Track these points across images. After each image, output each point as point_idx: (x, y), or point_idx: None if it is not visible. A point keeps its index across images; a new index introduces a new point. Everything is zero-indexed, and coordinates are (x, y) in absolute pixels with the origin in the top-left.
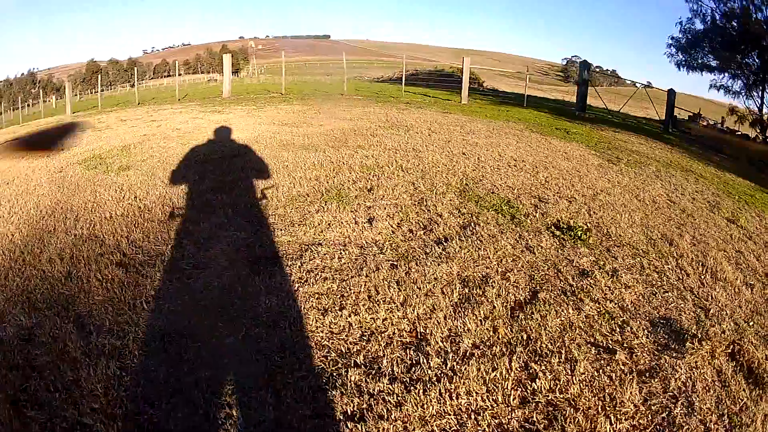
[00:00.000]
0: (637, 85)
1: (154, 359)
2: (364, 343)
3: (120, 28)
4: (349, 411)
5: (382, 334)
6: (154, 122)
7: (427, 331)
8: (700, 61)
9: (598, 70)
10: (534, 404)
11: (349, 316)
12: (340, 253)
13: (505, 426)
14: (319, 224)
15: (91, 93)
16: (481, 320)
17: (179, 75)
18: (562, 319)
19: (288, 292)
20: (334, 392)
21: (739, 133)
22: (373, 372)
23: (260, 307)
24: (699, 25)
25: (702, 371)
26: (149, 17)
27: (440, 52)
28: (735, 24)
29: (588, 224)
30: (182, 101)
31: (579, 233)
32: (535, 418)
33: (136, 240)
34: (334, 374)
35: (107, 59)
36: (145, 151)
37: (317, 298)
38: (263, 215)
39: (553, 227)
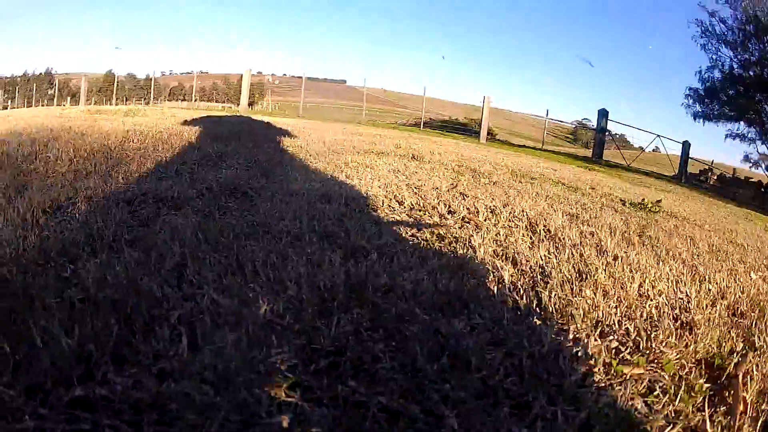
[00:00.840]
0: (645, 149)
1: None
2: None
3: (141, 46)
4: None
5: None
6: (168, 111)
7: None
8: (717, 112)
9: (607, 134)
10: None
11: None
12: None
13: None
14: (352, 161)
15: (106, 104)
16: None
17: (195, 100)
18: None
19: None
20: None
21: (753, 180)
22: None
23: None
24: (717, 74)
25: None
26: (171, 41)
27: (453, 107)
28: (752, 73)
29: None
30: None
31: (649, 206)
32: None
33: (130, 147)
34: None
35: (125, 73)
36: (157, 112)
37: None
38: (288, 152)
39: (619, 201)
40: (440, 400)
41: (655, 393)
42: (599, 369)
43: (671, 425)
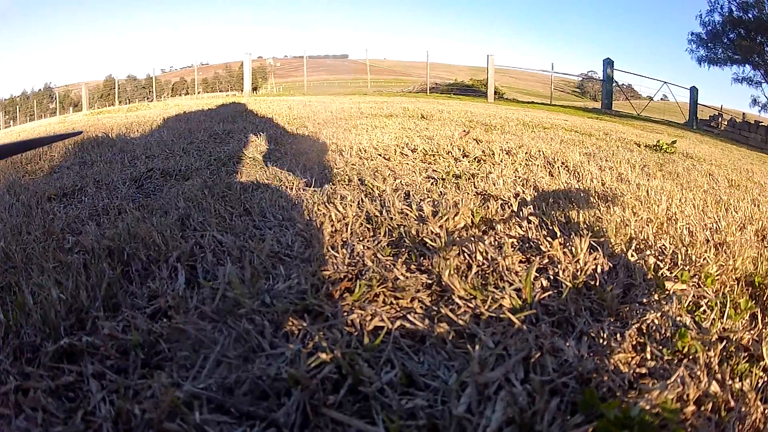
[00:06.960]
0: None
1: None
2: None
3: (138, 48)
4: None
5: None
6: (172, 103)
7: None
8: (721, 55)
9: (615, 84)
10: None
11: None
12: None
13: None
14: (361, 124)
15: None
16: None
17: (198, 93)
18: None
19: None
20: None
21: (763, 123)
22: None
23: None
24: (717, 17)
25: None
26: (167, 38)
27: (458, 71)
28: (751, 16)
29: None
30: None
31: (665, 147)
32: None
33: (134, 137)
34: None
35: (125, 76)
36: (160, 106)
37: None
38: (296, 123)
39: (634, 144)
40: (472, 318)
41: (702, 309)
42: (640, 284)
43: (724, 343)
